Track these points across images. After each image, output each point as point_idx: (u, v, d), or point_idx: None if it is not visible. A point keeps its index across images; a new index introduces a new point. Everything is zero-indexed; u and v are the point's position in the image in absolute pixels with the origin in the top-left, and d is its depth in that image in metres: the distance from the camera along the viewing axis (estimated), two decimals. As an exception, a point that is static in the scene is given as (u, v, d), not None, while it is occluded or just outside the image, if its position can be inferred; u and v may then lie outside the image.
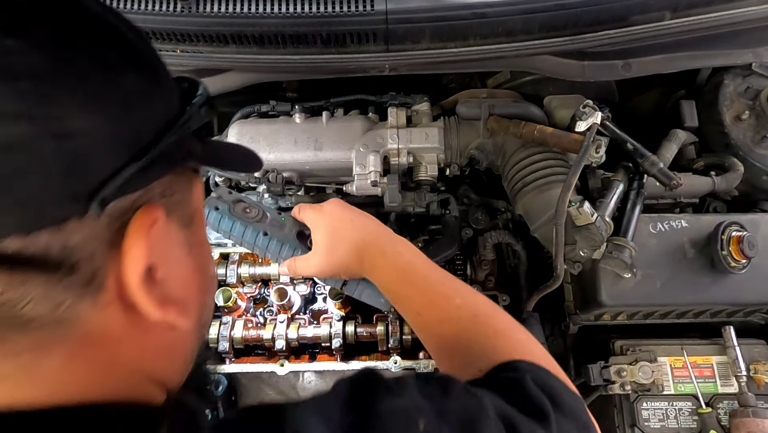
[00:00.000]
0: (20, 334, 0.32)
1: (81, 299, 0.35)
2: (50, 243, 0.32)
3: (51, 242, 0.32)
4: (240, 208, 0.90)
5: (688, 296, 1.06)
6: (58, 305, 0.33)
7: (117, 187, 0.33)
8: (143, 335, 0.40)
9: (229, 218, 0.87)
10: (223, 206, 0.88)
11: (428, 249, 1.23)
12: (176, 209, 0.42)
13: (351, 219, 0.87)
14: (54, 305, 0.33)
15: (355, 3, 0.96)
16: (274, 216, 0.92)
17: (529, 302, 1.18)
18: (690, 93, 1.28)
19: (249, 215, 0.90)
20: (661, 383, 1.07)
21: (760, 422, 0.99)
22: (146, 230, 0.37)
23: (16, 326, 0.32)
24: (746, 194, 1.21)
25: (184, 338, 0.47)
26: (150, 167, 0.35)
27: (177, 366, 0.47)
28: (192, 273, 0.45)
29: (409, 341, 1.23)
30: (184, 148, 0.41)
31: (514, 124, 1.11)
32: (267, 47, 1.02)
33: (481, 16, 0.97)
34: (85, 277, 0.34)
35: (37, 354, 0.34)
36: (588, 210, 0.95)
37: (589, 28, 1.01)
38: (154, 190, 0.39)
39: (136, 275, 0.37)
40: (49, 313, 0.33)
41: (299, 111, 1.21)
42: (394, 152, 1.18)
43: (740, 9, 1.00)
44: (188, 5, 0.96)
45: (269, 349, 1.23)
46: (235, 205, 0.90)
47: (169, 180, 0.40)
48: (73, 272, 0.34)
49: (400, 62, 1.05)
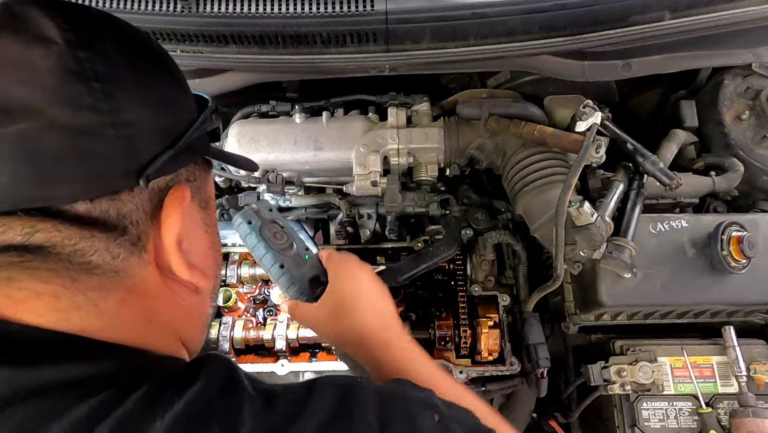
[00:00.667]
0: (88, 275, 0.43)
1: (130, 254, 0.46)
2: (108, 208, 0.44)
3: (109, 207, 0.44)
4: (271, 231, 0.86)
5: (688, 296, 1.06)
6: (115, 257, 0.44)
7: (157, 168, 0.45)
8: (174, 295, 0.51)
9: (257, 237, 0.85)
10: (255, 222, 0.86)
11: (428, 249, 1.23)
12: (197, 193, 0.54)
13: (371, 299, 0.80)
14: (112, 256, 0.44)
15: (355, 3, 0.96)
16: (299, 251, 0.88)
17: (529, 302, 1.18)
18: (690, 93, 1.28)
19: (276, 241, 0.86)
20: (661, 383, 1.07)
21: (760, 422, 0.99)
22: (179, 203, 0.48)
23: (86, 269, 0.43)
24: (746, 194, 1.21)
25: (203, 303, 0.57)
26: (180, 155, 0.47)
27: (198, 329, 0.57)
28: (208, 248, 0.56)
29: (409, 341, 1.23)
30: (202, 144, 0.54)
31: (514, 124, 1.11)
32: (267, 47, 1.02)
33: (481, 16, 0.97)
34: (133, 238, 0.46)
35: (101, 294, 0.44)
36: (588, 210, 0.95)
37: (589, 28, 1.01)
38: (181, 174, 0.51)
39: (171, 238, 0.48)
40: (108, 262, 0.44)
41: (299, 111, 1.21)
42: (394, 152, 1.18)
43: (740, 9, 1.00)
44: (188, 5, 0.96)
45: (269, 349, 1.23)
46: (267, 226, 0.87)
47: (192, 168, 0.53)
48: (125, 234, 0.45)
49: (400, 62, 1.05)
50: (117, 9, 0.96)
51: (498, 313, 1.23)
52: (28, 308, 0.40)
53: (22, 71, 0.39)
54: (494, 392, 1.22)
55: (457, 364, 1.19)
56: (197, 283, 0.52)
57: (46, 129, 0.39)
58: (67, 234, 0.41)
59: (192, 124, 0.50)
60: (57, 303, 0.41)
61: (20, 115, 0.39)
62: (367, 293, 0.80)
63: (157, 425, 0.37)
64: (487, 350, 1.20)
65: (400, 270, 1.20)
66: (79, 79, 0.40)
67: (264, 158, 1.18)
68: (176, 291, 0.52)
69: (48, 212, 0.41)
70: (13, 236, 0.40)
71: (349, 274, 0.82)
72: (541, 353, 1.13)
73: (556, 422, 1.30)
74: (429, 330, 1.23)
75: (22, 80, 0.39)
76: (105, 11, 0.49)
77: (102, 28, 0.45)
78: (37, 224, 0.40)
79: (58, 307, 0.41)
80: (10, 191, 0.40)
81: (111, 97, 0.42)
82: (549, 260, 1.24)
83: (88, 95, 0.41)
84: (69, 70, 0.40)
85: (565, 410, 1.28)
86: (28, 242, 0.40)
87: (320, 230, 1.54)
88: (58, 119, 0.40)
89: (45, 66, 0.40)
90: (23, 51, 0.40)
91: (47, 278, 0.41)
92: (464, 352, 1.22)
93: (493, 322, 1.21)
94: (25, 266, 0.41)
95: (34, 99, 0.39)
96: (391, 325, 0.78)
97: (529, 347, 1.15)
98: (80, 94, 0.40)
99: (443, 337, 1.22)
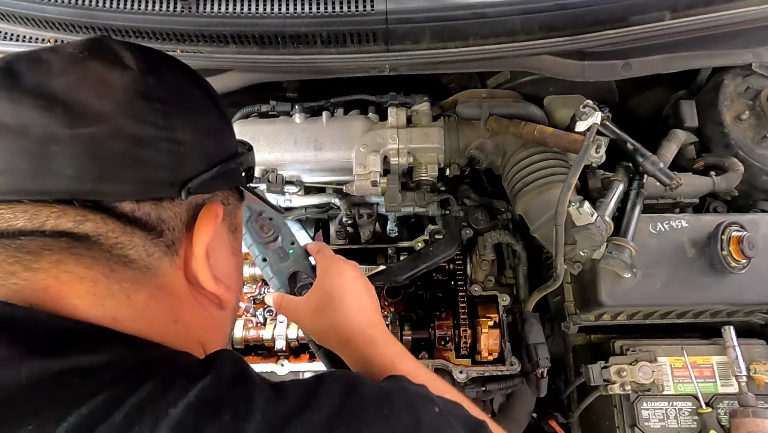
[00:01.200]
0: (125, 268, 0.48)
1: (164, 255, 0.51)
2: (150, 212, 0.49)
3: (151, 211, 0.49)
4: (258, 223, 0.88)
5: (688, 296, 1.06)
6: (150, 255, 0.49)
7: (198, 184, 0.51)
8: (200, 305, 0.56)
9: (244, 227, 0.87)
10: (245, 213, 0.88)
11: (428, 249, 1.23)
12: (228, 216, 0.60)
13: (358, 296, 0.82)
14: (147, 254, 0.49)
15: (355, 3, 0.96)
16: (284, 245, 0.89)
17: (529, 302, 1.18)
18: (690, 93, 1.28)
19: (262, 233, 0.88)
20: (661, 383, 1.07)
21: (760, 422, 0.99)
22: (212, 217, 0.54)
23: (123, 262, 0.48)
24: (746, 194, 1.21)
25: (226, 318, 0.62)
26: (218, 178, 0.54)
27: (219, 342, 0.61)
28: (233, 269, 0.62)
29: (409, 341, 1.23)
30: (238, 175, 0.61)
31: (514, 124, 1.11)
32: (267, 47, 1.02)
33: (481, 16, 0.97)
34: (168, 242, 0.51)
35: (133, 286, 0.48)
36: (588, 210, 0.95)
37: (589, 28, 1.01)
38: (217, 196, 0.58)
39: (201, 247, 0.53)
40: (143, 258, 0.49)
41: (299, 111, 1.21)
42: (394, 152, 1.18)
43: (740, 9, 1.00)
44: (188, 5, 0.96)
45: (269, 349, 1.23)
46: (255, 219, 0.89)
47: (227, 194, 0.60)
48: (161, 236, 0.50)
49: (400, 62, 1.05)
50: (117, 9, 0.97)
51: (498, 313, 1.23)
52: (71, 290, 0.45)
53: (101, 87, 0.47)
54: (494, 392, 1.22)
55: (457, 364, 1.19)
56: (221, 295, 0.57)
57: (113, 135, 0.46)
58: (112, 228, 0.46)
59: (232, 156, 0.58)
60: (95, 288, 0.46)
61: (94, 121, 0.46)
62: (354, 290, 0.83)
63: (170, 411, 0.39)
64: (487, 350, 1.20)
65: (400, 270, 1.20)
66: (145, 99, 0.49)
67: (264, 158, 1.18)
68: (202, 302, 0.57)
69: (99, 206, 0.46)
70: (65, 222, 0.45)
71: (337, 270, 0.84)
72: (541, 353, 1.13)
73: (556, 422, 1.30)
74: (429, 330, 1.23)
75: (100, 95, 0.47)
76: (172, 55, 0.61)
77: (168, 64, 0.56)
78: (88, 214, 0.45)
79: (95, 291, 0.46)
80: (72, 183, 0.45)
81: (168, 117, 0.49)
82: (549, 260, 1.24)
83: (150, 112, 0.48)
84: (138, 91, 0.49)
85: (565, 410, 1.28)
86: (77, 229, 0.45)
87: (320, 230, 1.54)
88: (123, 128, 0.47)
89: (120, 84, 0.48)
90: (105, 71, 0.48)
91: (90, 264, 0.46)
92: (464, 352, 1.22)
93: (493, 322, 1.21)
94: (73, 252, 0.45)
95: (107, 109, 0.46)
96: (375, 323, 0.81)
97: (529, 347, 1.15)
98: (144, 111, 0.48)
99: (443, 337, 1.22)
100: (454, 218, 1.26)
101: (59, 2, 0.97)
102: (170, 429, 0.38)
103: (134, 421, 0.38)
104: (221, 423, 0.40)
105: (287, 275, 0.88)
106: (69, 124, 0.45)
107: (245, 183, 0.64)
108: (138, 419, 0.38)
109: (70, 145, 0.45)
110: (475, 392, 1.21)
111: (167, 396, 0.40)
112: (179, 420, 0.39)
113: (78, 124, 0.45)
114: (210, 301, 0.58)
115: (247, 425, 0.40)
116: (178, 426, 0.38)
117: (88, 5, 0.97)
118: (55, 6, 0.97)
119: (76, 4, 0.97)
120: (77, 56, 0.49)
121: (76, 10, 0.97)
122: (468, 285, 1.27)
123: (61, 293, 0.44)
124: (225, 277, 0.58)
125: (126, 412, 0.38)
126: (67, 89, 0.46)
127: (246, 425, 0.40)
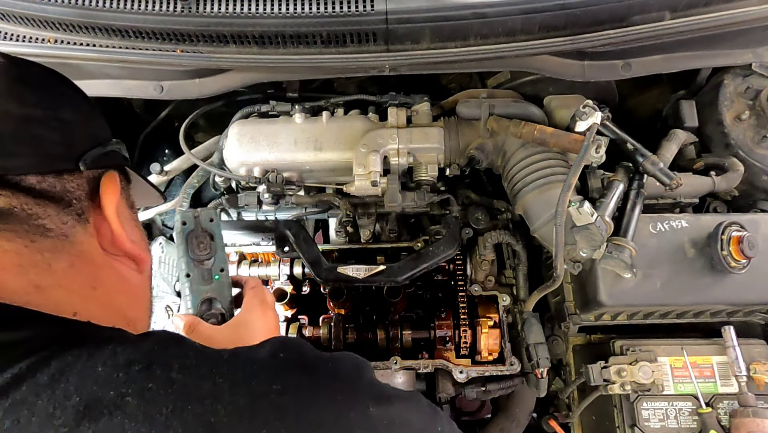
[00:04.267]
0: (43, 237, 0.52)
1: (77, 222, 0.56)
2: (54, 184, 0.54)
3: (55, 183, 0.54)
4: (197, 239, 0.89)
5: (688, 296, 1.06)
6: (64, 223, 0.54)
7: (93, 157, 0.58)
8: (117, 271, 0.60)
9: (181, 238, 0.89)
10: (189, 225, 0.89)
11: (428, 249, 1.23)
12: (124, 192, 0.65)
13: None
14: (62, 222, 0.54)
15: (355, 3, 0.96)
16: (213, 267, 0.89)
17: (529, 302, 1.18)
18: (690, 93, 1.28)
19: (197, 249, 0.88)
20: (661, 383, 1.07)
21: (760, 422, 0.99)
22: (114, 182, 0.60)
23: (41, 233, 0.52)
24: (746, 194, 1.21)
25: (144, 283, 0.66)
26: (107, 155, 0.61)
27: (143, 310, 0.65)
28: (140, 238, 0.66)
29: (409, 341, 1.23)
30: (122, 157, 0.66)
31: (514, 124, 1.11)
32: (267, 47, 1.02)
33: (481, 16, 0.97)
34: (78, 210, 0.56)
35: (53, 255, 0.52)
36: (588, 210, 0.95)
37: (589, 28, 1.01)
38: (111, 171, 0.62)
39: (111, 208, 0.58)
40: (59, 227, 0.53)
41: (299, 111, 1.21)
42: (394, 152, 1.18)
43: (740, 9, 1.00)
44: (188, 5, 0.96)
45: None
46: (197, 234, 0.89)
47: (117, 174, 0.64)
48: (70, 206, 0.55)
49: (400, 62, 1.05)
50: (117, 9, 0.97)
51: (498, 313, 1.23)
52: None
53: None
54: (494, 392, 1.22)
55: (457, 364, 1.19)
56: (138, 254, 0.62)
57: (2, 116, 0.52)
58: (24, 200, 0.51)
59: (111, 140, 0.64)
60: (19, 259, 0.50)
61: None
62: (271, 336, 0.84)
63: (98, 369, 0.40)
64: (487, 350, 1.20)
65: (400, 270, 1.20)
66: (24, 85, 0.55)
67: (264, 158, 1.18)
68: (119, 269, 0.61)
69: (4, 181, 0.50)
70: None
71: (263, 314, 0.87)
72: (541, 353, 1.13)
73: (556, 422, 1.30)
74: (429, 330, 1.23)
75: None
76: None
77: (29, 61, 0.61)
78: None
79: (20, 262, 0.50)
80: None
81: (51, 99, 0.56)
82: (549, 260, 1.24)
83: (32, 96, 0.55)
84: (15, 78, 0.55)
85: (565, 410, 1.28)
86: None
87: (320, 230, 1.54)
88: (10, 110, 0.52)
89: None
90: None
91: (10, 237, 0.50)
92: (464, 352, 1.22)
93: (493, 322, 1.21)
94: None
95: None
96: None
97: (529, 347, 1.15)
98: (26, 95, 0.54)
99: (443, 337, 1.22)
100: (454, 218, 1.26)
101: (59, 2, 0.97)
102: (97, 385, 0.39)
103: (59, 380, 0.39)
104: (152, 376, 0.41)
105: (203, 299, 0.88)
106: None
107: (129, 163, 0.69)
108: (63, 378, 0.39)
109: None
110: (475, 392, 1.21)
111: (94, 358, 0.41)
112: (107, 376, 0.40)
113: None
114: (126, 267, 0.62)
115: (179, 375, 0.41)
116: (106, 382, 0.39)
117: (88, 5, 0.97)
118: (55, 6, 0.97)
119: (76, 4, 0.97)
120: None
121: (76, 10, 0.97)
122: (468, 285, 1.27)
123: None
124: (139, 241, 0.63)
125: (51, 373, 0.40)
126: None
127: (178, 375, 0.41)
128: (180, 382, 0.41)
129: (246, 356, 0.47)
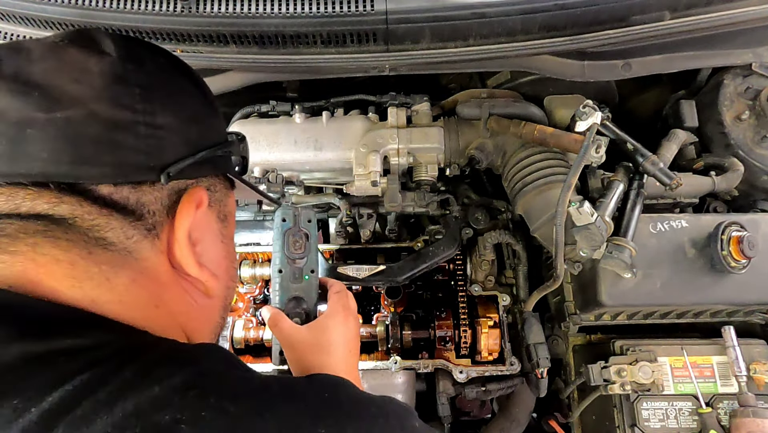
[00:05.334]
0: (102, 250, 0.48)
1: (143, 238, 0.51)
2: (129, 195, 0.50)
3: (130, 194, 0.50)
4: (294, 237, 0.92)
5: (688, 296, 1.06)
6: (128, 238, 0.50)
7: (179, 170, 0.51)
8: (185, 291, 0.56)
9: (280, 234, 0.92)
10: (288, 223, 0.92)
11: (428, 249, 1.23)
12: (216, 204, 0.60)
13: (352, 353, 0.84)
14: (126, 236, 0.49)
15: (355, 3, 0.96)
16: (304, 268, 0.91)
17: (529, 302, 1.18)
18: (690, 93, 1.28)
19: (292, 248, 0.91)
20: (661, 383, 1.07)
21: (760, 422, 0.99)
22: (194, 202, 0.54)
23: (102, 245, 0.48)
24: (746, 194, 1.21)
25: (213, 308, 0.61)
26: (202, 165, 0.55)
27: (206, 333, 0.60)
28: (222, 258, 0.61)
29: (409, 341, 1.23)
30: (226, 164, 0.61)
31: (514, 124, 1.11)
32: (267, 47, 1.02)
33: (481, 16, 0.97)
34: (148, 225, 0.51)
35: (112, 269, 0.48)
36: (588, 210, 0.95)
37: (589, 28, 1.01)
38: (202, 182, 0.57)
39: (182, 231, 0.53)
40: (122, 241, 0.49)
41: (299, 111, 1.21)
42: (394, 152, 1.18)
43: (740, 9, 1.00)
44: (188, 5, 0.96)
45: (269, 349, 1.23)
46: (294, 231, 0.92)
47: (213, 181, 0.60)
48: (141, 220, 0.51)
49: (400, 62, 1.05)
50: (117, 9, 0.96)
51: (498, 313, 1.23)
52: (48, 272, 0.45)
53: (78, 72, 0.48)
54: (494, 392, 1.22)
55: (457, 364, 1.19)
56: (206, 282, 0.57)
57: (88, 118, 0.47)
58: (88, 210, 0.47)
59: (218, 144, 0.58)
60: (73, 270, 0.46)
61: (70, 105, 0.47)
62: (352, 346, 0.85)
63: (155, 389, 0.40)
64: (487, 350, 1.20)
65: (400, 270, 1.20)
66: (123, 84, 0.50)
67: (264, 158, 1.18)
68: (188, 289, 0.56)
69: (75, 189, 0.47)
70: (41, 204, 0.46)
71: (345, 320, 0.86)
72: (541, 353, 1.13)
73: (556, 422, 1.30)
74: (429, 330, 1.23)
75: (76, 80, 0.48)
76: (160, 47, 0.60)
77: (151, 52, 0.57)
78: (63, 196, 0.46)
79: (73, 274, 0.46)
80: (47, 166, 0.46)
81: (147, 102, 0.50)
82: (549, 260, 1.24)
83: (127, 97, 0.49)
84: (115, 76, 0.49)
85: (565, 410, 1.28)
86: (52, 211, 0.46)
87: (320, 230, 1.54)
88: (99, 112, 0.47)
89: (97, 70, 0.49)
90: (83, 58, 0.49)
91: (67, 247, 0.46)
92: (464, 352, 1.22)
93: (493, 322, 1.21)
94: (49, 235, 0.46)
95: (83, 94, 0.47)
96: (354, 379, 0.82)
97: (529, 347, 1.15)
98: (121, 95, 0.49)
99: (443, 337, 1.22)
100: (454, 218, 1.26)
101: (59, 2, 0.97)
102: (152, 407, 0.38)
103: (117, 398, 0.38)
104: (206, 404, 0.40)
105: (290, 297, 0.90)
106: (45, 109, 0.46)
107: (234, 171, 0.64)
108: (121, 396, 0.39)
109: (46, 128, 0.46)
110: (475, 392, 1.21)
111: (151, 377, 0.41)
112: (163, 397, 0.39)
113: (53, 109, 0.46)
114: (196, 288, 0.57)
115: (232, 407, 0.41)
116: (161, 403, 0.39)
117: (88, 5, 0.97)
118: (55, 6, 0.97)
119: (76, 4, 0.97)
120: (57, 44, 0.50)
121: (76, 10, 0.97)
122: (468, 285, 1.27)
123: (38, 276, 0.45)
124: (213, 264, 0.58)
125: (110, 390, 0.39)
126: (45, 75, 0.47)
127: (231, 407, 0.41)
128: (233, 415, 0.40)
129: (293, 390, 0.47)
